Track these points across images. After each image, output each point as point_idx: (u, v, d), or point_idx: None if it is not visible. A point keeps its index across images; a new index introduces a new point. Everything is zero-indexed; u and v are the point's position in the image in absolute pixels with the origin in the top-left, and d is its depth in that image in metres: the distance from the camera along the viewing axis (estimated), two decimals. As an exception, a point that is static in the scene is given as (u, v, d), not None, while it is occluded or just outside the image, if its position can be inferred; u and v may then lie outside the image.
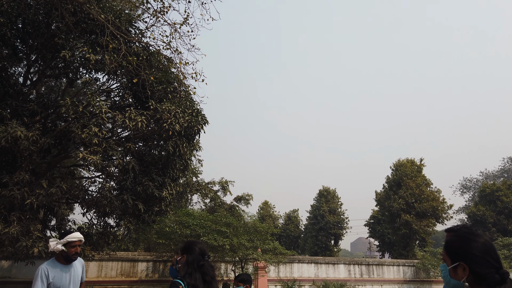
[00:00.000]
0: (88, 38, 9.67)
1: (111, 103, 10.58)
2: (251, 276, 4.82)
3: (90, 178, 11.41)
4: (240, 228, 13.91)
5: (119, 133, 10.27)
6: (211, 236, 12.36)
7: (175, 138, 9.52)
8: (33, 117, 9.77)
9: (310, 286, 18.97)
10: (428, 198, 30.25)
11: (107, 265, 14.70)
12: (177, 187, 10.65)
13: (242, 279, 4.64)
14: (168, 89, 9.95)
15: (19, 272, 13.06)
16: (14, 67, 10.18)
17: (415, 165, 32.73)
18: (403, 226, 29.77)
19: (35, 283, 3.39)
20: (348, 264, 21.02)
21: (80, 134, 8.11)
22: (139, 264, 15.36)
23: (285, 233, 45.81)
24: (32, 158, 8.75)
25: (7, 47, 9.39)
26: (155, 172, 10.15)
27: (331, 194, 44.22)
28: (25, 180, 8.38)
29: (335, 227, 42.02)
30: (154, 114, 9.10)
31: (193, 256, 2.89)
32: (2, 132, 7.82)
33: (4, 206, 8.33)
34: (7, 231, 7.87)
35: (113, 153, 8.75)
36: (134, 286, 14.93)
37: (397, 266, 22.66)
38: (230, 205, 25.60)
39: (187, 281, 2.75)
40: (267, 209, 48.00)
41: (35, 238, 8.32)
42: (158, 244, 13.90)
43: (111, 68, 9.02)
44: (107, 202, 8.93)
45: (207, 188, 25.57)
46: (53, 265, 3.56)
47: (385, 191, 33.62)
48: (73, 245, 3.62)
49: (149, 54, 9.92)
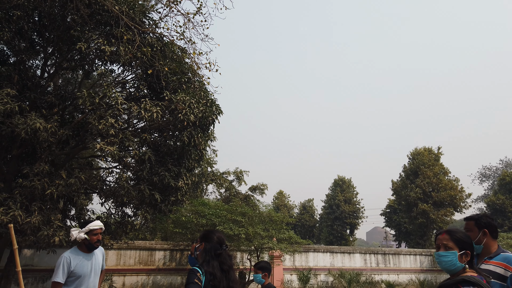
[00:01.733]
0: (103, 30, 9.73)
1: (126, 94, 10.67)
2: (270, 264, 4.78)
3: (108, 168, 11.59)
4: (255, 218, 13.97)
5: (135, 124, 10.37)
6: (226, 226, 12.45)
7: (190, 129, 9.57)
8: (51, 109, 9.93)
9: (325, 275, 19.01)
10: (446, 187, 29.80)
11: (125, 254, 15.00)
12: (192, 177, 10.74)
13: (261, 267, 4.57)
14: (183, 80, 9.96)
15: (41, 261, 13.44)
16: (32, 60, 10.34)
17: (432, 154, 32.23)
18: (420, 216, 29.46)
19: (56, 271, 3.48)
20: (364, 253, 20.96)
21: (97, 125, 8.21)
22: (157, 253, 15.62)
23: (300, 223, 45.91)
24: (51, 149, 8.92)
25: (24, 40, 9.52)
26: (171, 162, 10.24)
27: (346, 184, 43.99)
28: (45, 171, 8.56)
29: (350, 217, 41.89)
30: (169, 105, 9.15)
31: (211, 244, 2.91)
32: (22, 124, 7.98)
33: (25, 197, 8.54)
34: (28, 221, 8.08)
35: (129, 144, 8.85)
36: (152, 274, 15.21)
37: (414, 256, 22.49)
38: (245, 195, 25.73)
39: (205, 268, 2.77)
40: (282, 198, 48.11)
41: (55, 228, 8.52)
42: (175, 233, 14.09)
43: (126, 60, 9.08)
44: (124, 192, 9.06)
45: (222, 178, 25.74)
46: (76, 253, 3.65)
47: (402, 180, 33.25)
48: (95, 233, 3.71)
49: (163, 44, 9.93)
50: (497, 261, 2.82)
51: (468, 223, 3.02)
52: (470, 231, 2.97)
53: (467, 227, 3.02)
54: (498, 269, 2.75)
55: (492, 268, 2.80)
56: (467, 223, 3.04)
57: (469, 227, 3.00)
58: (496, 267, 2.78)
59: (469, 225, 3.01)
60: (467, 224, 3.03)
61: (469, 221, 3.03)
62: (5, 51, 10.15)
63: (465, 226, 3.05)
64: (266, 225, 14.14)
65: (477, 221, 2.97)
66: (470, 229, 2.98)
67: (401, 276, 21.23)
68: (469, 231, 2.98)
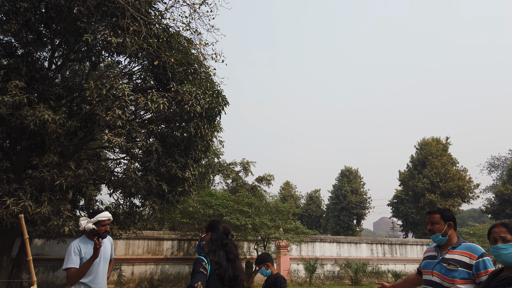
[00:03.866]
0: (109, 21, 9.73)
1: (133, 86, 10.72)
2: (267, 254, 4.74)
3: (115, 159, 11.71)
4: (262, 208, 14.03)
5: (142, 115, 10.42)
6: (233, 216, 12.53)
7: (196, 120, 9.59)
8: (59, 100, 10.01)
9: (332, 265, 19.11)
10: (454, 178, 29.63)
11: (134, 244, 15.20)
12: (199, 168, 10.80)
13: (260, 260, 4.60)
14: (189, 71, 9.97)
15: (51, 250, 13.68)
16: (39, 52, 10.40)
17: (440, 144, 31.99)
18: (428, 206, 29.36)
19: (68, 257, 3.54)
20: (370, 243, 21.00)
21: (105, 116, 8.27)
22: (165, 243, 15.81)
23: (307, 213, 46.03)
24: (59, 140, 9.02)
25: (31, 32, 9.57)
26: (178, 153, 10.30)
27: (353, 174, 43.92)
28: (54, 162, 8.67)
29: (357, 207, 41.90)
30: (175, 96, 9.17)
31: (217, 234, 2.95)
32: (31, 116, 8.06)
33: (35, 187, 8.66)
34: (39, 211, 8.21)
35: (136, 135, 8.91)
36: (160, 263, 15.41)
37: (421, 246, 22.49)
38: (251, 186, 25.83)
39: (211, 258, 2.81)
40: (289, 189, 48.20)
41: (65, 218, 8.65)
42: (182, 223, 14.22)
43: (132, 51, 9.09)
44: (132, 183, 9.15)
45: (229, 169, 25.84)
46: (85, 242, 3.72)
47: (409, 170, 33.11)
48: (103, 224, 3.78)
49: (169, 35, 9.92)
50: (461, 250, 2.99)
51: (434, 216, 3.18)
52: (436, 223, 3.15)
53: (433, 219, 3.17)
54: (464, 257, 2.92)
55: (458, 257, 2.96)
56: (433, 216, 3.19)
57: (435, 220, 3.16)
58: (462, 256, 2.94)
59: (435, 217, 3.17)
60: (433, 217, 3.18)
61: (435, 214, 3.19)
62: (13, 43, 10.21)
63: (431, 219, 3.19)
64: (272, 216, 14.21)
65: (442, 214, 3.16)
66: (436, 222, 3.15)
67: (407, 266, 21.27)
68: (436, 223, 3.15)
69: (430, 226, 3.19)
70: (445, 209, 3.24)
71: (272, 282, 4.49)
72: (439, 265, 3.05)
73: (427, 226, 3.26)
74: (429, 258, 3.25)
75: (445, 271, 2.96)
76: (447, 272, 2.94)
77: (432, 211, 3.25)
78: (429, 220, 3.22)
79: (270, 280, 4.53)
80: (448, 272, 2.94)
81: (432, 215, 3.22)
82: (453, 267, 2.92)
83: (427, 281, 3.13)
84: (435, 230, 3.15)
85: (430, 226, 3.20)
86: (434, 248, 3.27)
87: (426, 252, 3.37)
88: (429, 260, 3.22)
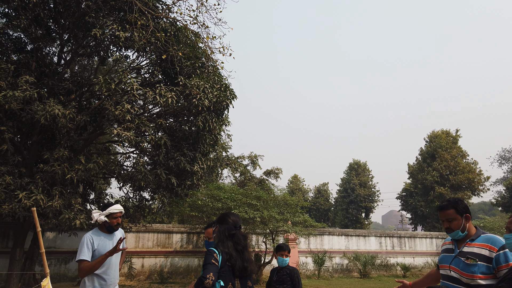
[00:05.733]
0: (117, 16, 9.76)
1: (141, 80, 10.76)
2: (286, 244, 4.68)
3: (125, 153, 11.80)
4: (270, 201, 14.06)
5: (151, 109, 10.47)
6: (242, 209, 12.58)
7: (204, 114, 9.61)
8: (69, 95, 10.10)
9: (340, 258, 19.13)
10: (464, 170, 29.37)
11: (143, 237, 15.37)
12: (207, 161, 10.84)
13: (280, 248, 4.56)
14: (196, 65, 9.97)
15: (63, 243, 13.89)
16: (48, 47, 10.48)
17: (450, 136, 31.68)
18: (437, 199, 29.18)
19: (81, 249, 3.60)
20: (379, 236, 20.96)
21: (114, 111, 8.33)
22: (174, 236, 15.95)
23: (315, 206, 46.03)
24: (69, 135, 9.12)
25: (40, 28, 9.64)
26: (186, 147, 10.35)
27: (361, 167, 43.74)
28: (65, 156, 8.78)
29: (366, 200, 41.77)
30: (183, 90, 9.19)
31: (225, 225, 2.98)
32: (41, 111, 8.15)
33: (46, 181, 8.78)
34: (50, 204, 8.33)
35: (145, 129, 8.96)
36: (169, 256, 15.57)
37: (430, 239, 22.38)
38: (259, 179, 25.89)
39: (221, 248, 2.84)
40: (297, 182, 48.20)
41: (76, 211, 8.77)
42: (191, 216, 14.32)
43: (140, 45, 9.12)
44: (141, 177, 9.23)
45: (237, 162, 25.90)
46: (97, 234, 3.78)
47: (418, 163, 32.88)
48: (114, 216, 3.83)
49: (177, 29, 9.92)
50: (481, 242, 2.77)
51: (448, 212, 2.87)
52: (453, 219, 2.85)
53: (448, 217, 2.87)
54: (483, 250, 2.71)
55: (477, 250, 2.75)
56: (446, 212, 2.89)
57: (450, 216, 2.86)
58: (481, 249, 2.73)
59: (450, 214, 2.86)
60: (447, 214, 2.88)
61: (449, 210, 2.88)
62: (23, 39, 10.30)
63: (446, 216, 2.88)
64: (281, 209, 14.23)
65: (457, 208, 2.86)
66: (453, 218, 2.86)
67: (416, 259, 21.20)
68: (453, 220, 2.85)
69: (447, 224, 2.88)
70: (458, 201, 2.93)
71: (288, 274, 4.42)
72: (456, 259, 2.84)
73: (443, 224, 2.94)
74: (446, 251, 3.03)
75: (464, 265, 2.75)
76: (465, 267, 2.73)
77: (444, 207, 2.92)
78: (443, 218, 2.91)
79: (285, 272, 4.45)
80: (466, 267, 2.72)
81: (445, 211, 2.90)
82: (472, 261, 2.70)
83: (445, 276, 2.90)
84: (453, 227, 2.87)
85: (447, 224, 2.89)
86: (451, 241, 3.04)
87: (443, 245, 3.15)
88: (446, 253, 2.99)
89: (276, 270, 4.58)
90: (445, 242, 3.15)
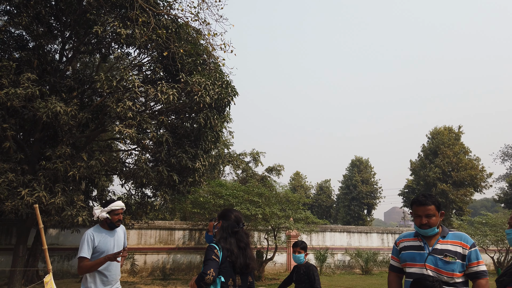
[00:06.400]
0: (118, 13, 9.75)
1: (143, 77, 10.76)
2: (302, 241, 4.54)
3: (127, 150, 11.83)
4: (272, 198, 14.07)
5: (152, 106, 10.48)
6: (243, 206, 12.60)
7: (206, 111, 9.62)
8: (71, 92, 10.12)
9: (342, 255, 19.15)
10: (466, 167, 29.29)
11: (146, 233, 15.42)
12: (209, 158, 10.86)
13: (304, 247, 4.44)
14: (198, 61, 9.97)
15: (65, 240, 13.96)
16: (50, 45, 10.49)
17: (453, 133, 31.58)
18: (439, 196, 29.14)
19: (82, 247, 3.62)
20: (381, 233, 20.96)
21: (115, 108, 8.34)
22: (176, 232, 16.00)
23: (317, 203, 46.05)
24: (71, 132, 9.14)
25: (42, 25, 9.65)
26: (188, 144, 10.36)
27: (363, 164, 43.72)
28: (67, 154, 8.80)
29: (368, 197, 41.76)
30: (184, 87, 9.19)
31: (228, 222, 2.99)
32: (43, 108, 8.17)
33: (49, 178, 8.82)
34: (53, 201, 8.37)
35: (147, 126, 8.98)
36: (172, 253, 15.63)
37: (432, 236, 22.35)
38: (261, 176, 25.89)
39: (222, 245, 2.85)
40: (299, 179, 48.21)
41: (79, 208, 8.80)
42: (193, 213, 14.36)
43: (142, 42, 9.11)
44: (143, 174, 9.25)
45: (239, 159, 25.90)
46: (99, 230, 3.79)
47: (421, 160, 32.82)
48: (116, 213, 3.84)
49: (178, 26, 9.91)
50: (453, 239, 2.72)
51: (430, 208, 2.72)
52: (433, 216, 2.72)
53: (428, 212, 2.71)
54: (458, 248, 2.67)
55: (452, 247, 2.68)
56: (427, 208, 2.72)
57: (431, 213, 2.71)
58: (456, 246, 2.68)
59: (431, 210, 2.72)
60: (428, 209, 2.72)
61: (430, 206, 2.72)
62: (24, 36, 10.32)
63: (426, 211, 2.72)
64: (282, 205, 14.25)
65: (437, 205, 2.75)
66: (433, 214, 2.72)
67: (418, 256, 21.19)
68: (432, 216, 2.71)
69: (426, 220, 2.72)
70: (436, 197, 2.81)
71: (304, 273, 4.30)
72: (432, 257, 2.69)
73: (420, 220, 2.74)
74: (412, 248, 2.83)
75: (443, 264, 2.64)
76: (444, 265, 2.64)
77: (425, 202, 2.75)
78: (423, 213, 2.73)
79: (302, 271, 4.33)
80: (446, 265, 2.63)
81: (426, 206, 2.73)
82: (451, 259, 2.63)
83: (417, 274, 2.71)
84: (432, 224, 2.71)
85: (425, 220, 2.72)
86: (416, 238, 2.85)
87: (402, 242, 2.93)
88: (414, 251, 2.80)
89: (296, 269, 4.45)
90: (402, 239, 2.95)
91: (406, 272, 2.86)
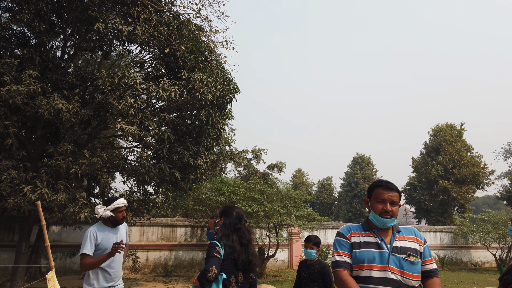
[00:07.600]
0: (120, 10, 9.74)
1: (144, 74, 10.76)
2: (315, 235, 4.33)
3: (129, 148, 11.84)
4: (274, 195, 14.08)
5: (154, 103, 10.48)
6: (245, 203, 12.61)
7: (207, 108, 9.61)
8: (72, 90, 10.13)
9: (344, 252, 19.18)
10: (468, 164, 29.21)
11: (148, 230, 15.46)
12: (211, 155, 10.86)
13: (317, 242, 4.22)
14: (199, 58, 9.96)
15: (68, 236, 14.01)
16: (52, 42, 10.48)
17: (455, 130, 31.48)
18: (441, 193, 29.09)
19: (84, 244, 3.63)
20: (383, 230, 20.96)
21: (117, 105, 8.34)
22: (178, 229, 16.04)
23: (319, 201, 46.05)
24: (73, 129, 9.15)
25: (44, 22, 9.64)
26: (190, 141, 10.37)
27: (365, 161, 43.67)
28: (69, 151, 8.82)
29: (369, 194, 41.68)
30: (186, 84, 9.18)
31: (230, 219, 2.99)
32: (45, 105, 8.18)
33: (51, 175, 8.84)
34: (55, 198, 8.39)
35: (149, 123, 8.98)
36: (174, 250, 15.67)
37: (434, 232, 22.36)
38: (263, 173, 25.89)
39: (224, 242, 2.85)
40: (300, 176, 48.19)
41: (81, 205, 8.82)
42: (195, 210, 14.38)
43: (143, 39, 9.10)
44: (145, 171, 9.26)
45: (240, 156, 25.90)
46: (101, 228, 3.80)
47: (423, 157, 32.75)
48: (120, 210, 3.85)
49: (180, 23, 9.89)
50: (408, 235, 2.39)
51: (396, 195, 2.37)
52: (396, 204, 2.37)
53: (394, 199, 2.34)
54: (415, 244, 2.35)
55: (410, 244, 2.34)
56: (394, 194, 2.36)
57: (396, 200, 2.36)
58: (413, 243, 2.35)
59: (396, 197, 2.37)
60: (395, 196, 2.35)
61: (396, 192, 2.38)
62: (26, 33, 10.32)
63: (392, 198, 2.34)
64: (284, 203, 14.26)
65: (400, 195, 2.41)
66: (397, 202, 2.37)
67: (420, 253, 21.19)
68: (396, 204, 2.37)
69: (391, 208, 2.32)
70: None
71: (319, 272, 4.06)
72: (393, 256, 2.27)
73: (384, 206, 2.33)
74: (367, 246, 2.33)
75: (408, 265, 2.25)
76: (410, 267, 2.25)
77: (392, 187, 2.38)
78: (389, 199, 2.33)
79: (316, 269, 4.09)
80: (411, 267, 2.25)
81: (393, 192, 2.36)
82: (415, 259, 2.27)
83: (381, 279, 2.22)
84: (394, 213, 2.33)
85: (390, 208, 2.32)
86: (369, 232, 2.39)
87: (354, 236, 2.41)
88: (370, 249, 2.31)
89: (306, 265, 4.19)
90: (353, 232, 2.43)
91: (361, 276, 2.29)
